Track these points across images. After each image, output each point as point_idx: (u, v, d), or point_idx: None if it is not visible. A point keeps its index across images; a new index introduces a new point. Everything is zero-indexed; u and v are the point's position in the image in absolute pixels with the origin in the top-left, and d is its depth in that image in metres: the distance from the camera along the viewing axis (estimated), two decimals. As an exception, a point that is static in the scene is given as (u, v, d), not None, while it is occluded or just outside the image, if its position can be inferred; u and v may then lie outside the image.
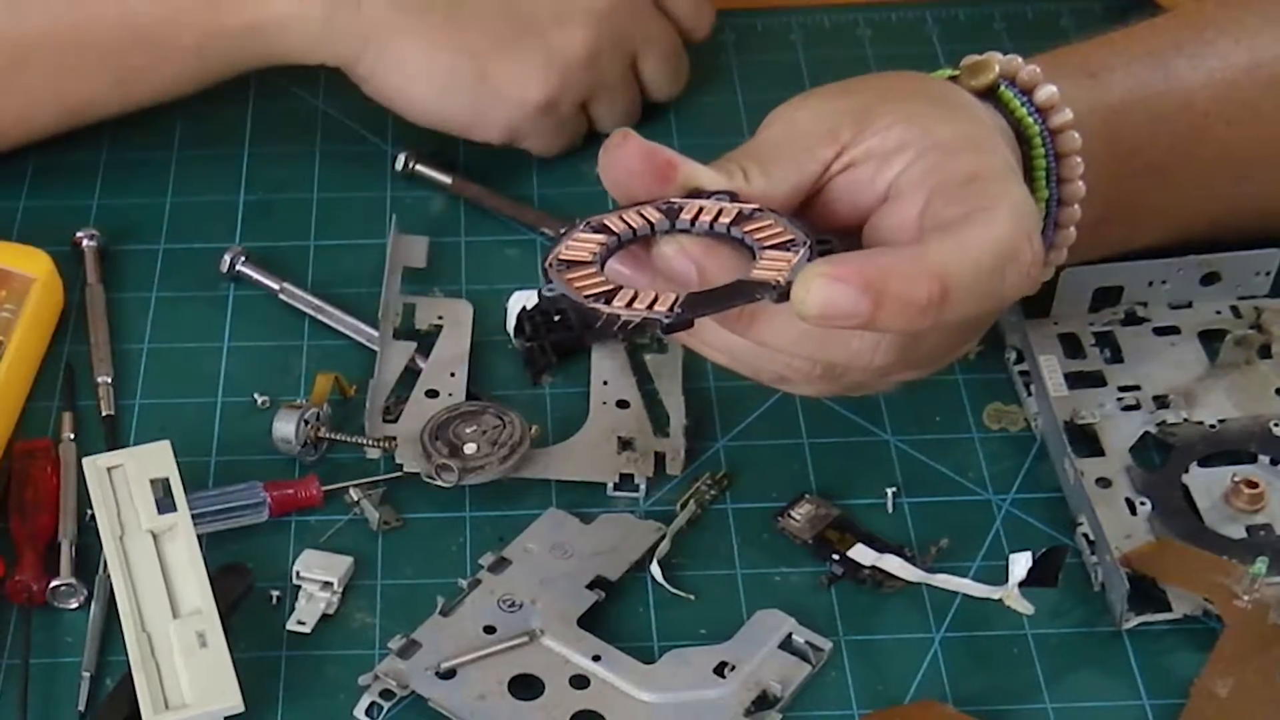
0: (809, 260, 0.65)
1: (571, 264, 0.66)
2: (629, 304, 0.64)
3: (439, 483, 0.77)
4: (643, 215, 0.67)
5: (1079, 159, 0.73)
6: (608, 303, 0.64)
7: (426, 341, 0.84)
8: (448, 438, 0.78)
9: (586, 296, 0.64)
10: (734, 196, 0.68)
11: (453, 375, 0.82)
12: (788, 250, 0.65)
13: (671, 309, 0.63)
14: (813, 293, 0.63)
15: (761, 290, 0.64)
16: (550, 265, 0.66)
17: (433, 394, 0.81)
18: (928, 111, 0.70)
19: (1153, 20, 0.81)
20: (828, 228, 0.70)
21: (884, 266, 0.64)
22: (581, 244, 0.67)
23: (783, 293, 0.64)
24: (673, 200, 0.68)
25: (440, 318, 0.85)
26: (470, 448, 0.77)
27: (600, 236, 0.67)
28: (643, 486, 0.78)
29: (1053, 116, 0.73)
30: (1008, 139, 0.72)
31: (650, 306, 0.63)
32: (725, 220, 0.67)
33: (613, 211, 0.68)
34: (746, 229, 0.67)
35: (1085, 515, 0.75)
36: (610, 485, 0.78)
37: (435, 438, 0.78)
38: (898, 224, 0.68)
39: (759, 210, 0.67)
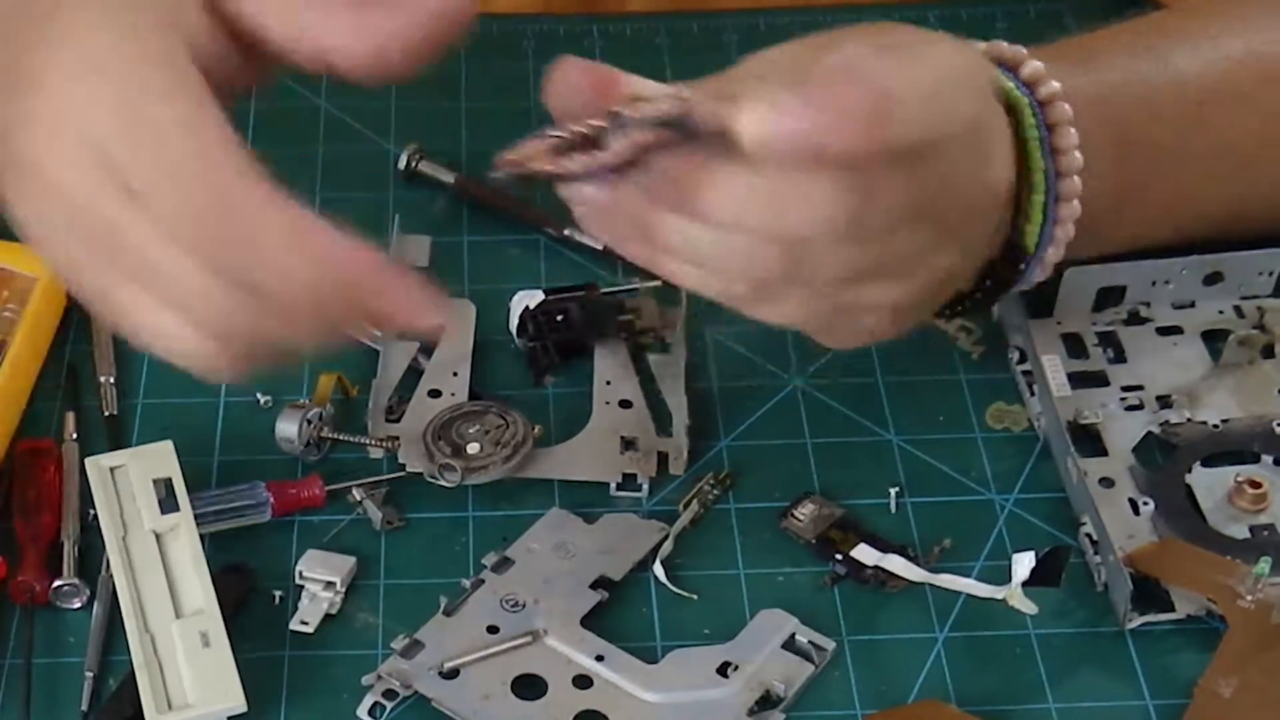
0: None
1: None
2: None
3: (442, 482, 0.77)
4: (590, 124, 0.67)
5: (1073, 129, 0.72)
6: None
7: (429, 341, 0.84)
8: (450, 437, 0.78)
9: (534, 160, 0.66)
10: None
11: (455, 375, 0.82)
12: None
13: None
14: (746, 111, 0.63)
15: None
16: (499, 162, 0.67)
17: (435, 394, 0.81)
18: (903, 41, 0.69)
19: (1151, 15, 0.81)
20: None
21: (820, 76, 0.64)
22: (532, 147, 0.67)
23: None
24: (620, 111, 0.66)
25: (442, 317, 0.85)
26: (473, 447, 0.77)
27: (551, 141, 0.67)
28: (645, 486, 0.78)
29: (1039, 88, 0.72)
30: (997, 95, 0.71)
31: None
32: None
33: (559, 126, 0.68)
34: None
35: (1088, 515, 0.75)
36: (613, 485, 0.78)
37: (438, 437, 0.78)
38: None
39: None
